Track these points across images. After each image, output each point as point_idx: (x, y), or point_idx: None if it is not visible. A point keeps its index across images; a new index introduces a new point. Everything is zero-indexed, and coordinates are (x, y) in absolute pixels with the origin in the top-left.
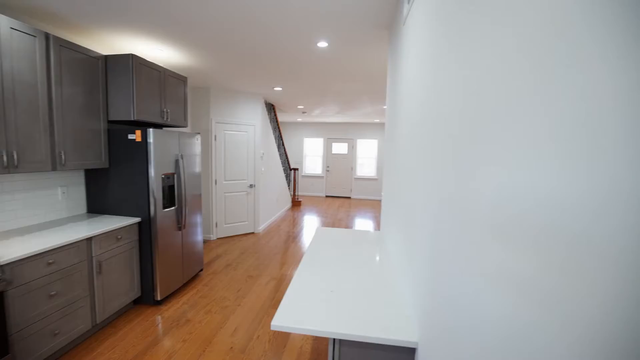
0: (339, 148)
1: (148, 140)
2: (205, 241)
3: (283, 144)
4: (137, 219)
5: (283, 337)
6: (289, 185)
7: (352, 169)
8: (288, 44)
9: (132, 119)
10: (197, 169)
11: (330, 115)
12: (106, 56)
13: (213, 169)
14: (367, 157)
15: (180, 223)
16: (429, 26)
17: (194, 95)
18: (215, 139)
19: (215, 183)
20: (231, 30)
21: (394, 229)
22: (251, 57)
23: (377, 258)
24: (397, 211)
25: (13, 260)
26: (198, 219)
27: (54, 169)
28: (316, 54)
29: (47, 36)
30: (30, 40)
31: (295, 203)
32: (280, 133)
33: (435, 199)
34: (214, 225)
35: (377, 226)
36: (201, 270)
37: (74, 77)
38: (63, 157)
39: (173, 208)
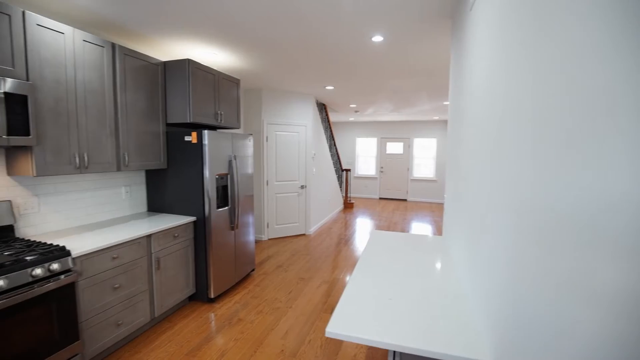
0: (394, 148)
1: (203, 142)
2: (256, 241)
3: (335, 145)
4: (193, 218)
5: (336, 344)
6: (340, 187)
7: (408, 169)
8: (340, 40)
9: (189, 122)
10: (250, 169)
11: (384, 114)
12: (165, 62)
13: (264, 170)
14: (424, 157)
15: (233, 223)
16: (504, 6)
17: (246, 97)
18: (266, 140)
19: (267, 184)
20: (283, 30)
21: (460, 235)
22: (303, 56)
23: (439, 265)
24: (464, 215)
25: (83, 253)
26: (250, 219)
27: (118, 169)
28: (370, 49)
29: (113, 46)
30: (99, 50)
31: (348, 205)
32: (331, 133)
33: (514, 203)
34: (266, 225)
35: (437, 231)
36: (253, 270)
37: (136, 84)
38: (126, 158)
39: (226, 208)
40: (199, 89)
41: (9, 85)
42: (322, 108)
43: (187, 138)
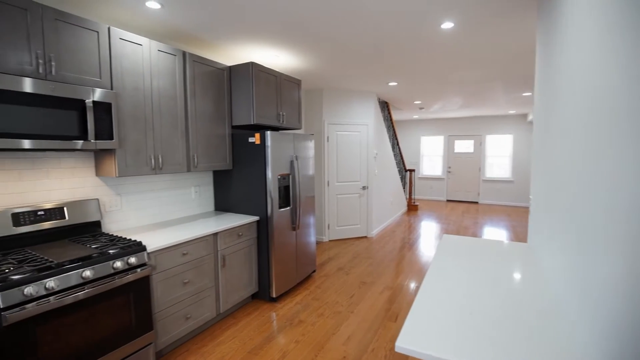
0: (463, 146)
1: (266, 143)
2: (317, 242)
3: (398, 144)
4: (256, 218)
5: (401, 356)
6: (404, 188)
7: (480, 169)
8: (405, 30)
9: (252, 123)
10: (311, 170)
11: (452, 110)
12: (230, 67)
13: (325, 171)
14: (498, 155)
15: (294, 223)
16: None
17: (307, 98)
18: (327, 140)
19: (328, 184)
20: (345, 25)
21: (559, 245)
22: (365, 51)
23: (525, 277)
24: (567, 222)
25: (157, 249)
26: (311, 220)
27: (188, 170)
28: (439, 38)
29: (184, 54)
30: (171, 59)
31: (412, 207)
32: (394, 132)
33: None
34: (326, 227)
35: (515, 237)
36: (314, 271)
37: (204, 88)
38: (196, 159)
39: (288, 208)
40: (262, 91)
41: (98, 94)
42: (385, 106)
43: (250, 139)
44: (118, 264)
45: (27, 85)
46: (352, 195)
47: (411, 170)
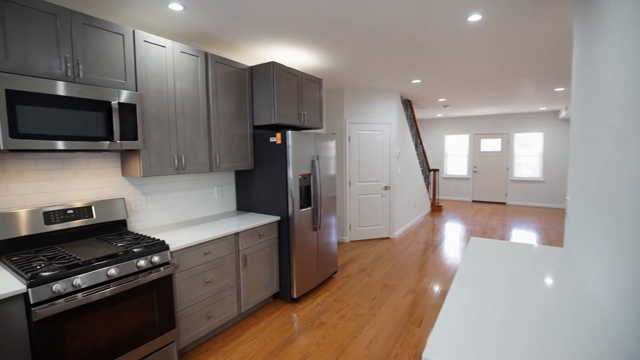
0: (490, 145)
1: (287, 143)
2: (338, 243)
3: (421, 143)
4: (277, 218)
5: None
6: (427, 188)
7: (508, 169)
8: (432, 24)
9: (273, 123)
10: (332, 170)
11: (478, 107)
12: (252, 67)
13: (347, 170)
14: (527, 154)
15: (315, 223)
16: None
17: (328, 98)
18: (349, 140)
19: (349, 184)
20: (367, 20)
21: (599, 247)
22: (388, 48)
23: (561, 283)
24: (608, 225)
25: (180, 248)
26: (332, 220)
27: (210, 170)
28: (465, 31)
29: (206, 55)
30: (193, 60)
31: (436, 208)
32: (417, 131)
33: None
34: (348, 227)
35: (546, 240)
36: (335, 272)
37: (226, 89)
38: (217, 160)
39: (309, 208)
40: (283, 90)
41: (123, 96)
42: (408, 104)
43: (272, 139)
44: (142, 262)
45: (57, 88)
46: (374, 195)
47: (435, 170)
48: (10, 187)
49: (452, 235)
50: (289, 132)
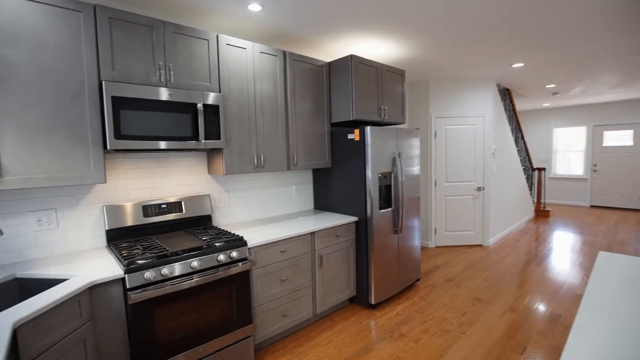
0: (616, 138)
1: (366, 139)
2: (422, 248)
3: (522, 138)
4: (355, 218)
5: None
6: (530, 190)
7: None
8: None
9: (351, 119)
10: (416, 168)
11: (601, 92)
12: (329, 63)
13: (432, 169)
14: None
15: (396, 226)
16: None
17: (411, 91)
18: (435, 136)
19: (435, 185)
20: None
21: None
22: (484, 29)
23: None
24: None
25: (258, 244)
26: (415, 223)
27: (288, 168)
28: None
29: (284, 53)
30: (272, 59)
31: (541, 213)
32: (518, 124)
33: None
34: (433, 231)
35: None
36: (418, 280)
37: (303, 86)
38: (295, 158)
39: (389, 209)
40: (362, 84)
41: (208, 98)
42: (506, 94)
43: (349, 136)
44: (221, 256)
45: (153, 93)
46: (465, 197)
47: (540, 169)
48: (118, 183)
49: (564, 246)
50: (368, 128)
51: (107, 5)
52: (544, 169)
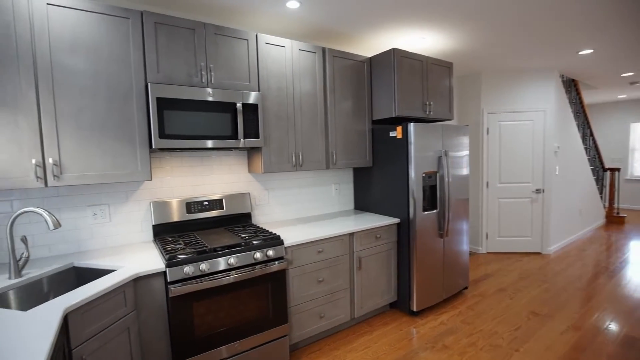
0: None
1: (409, 137)
2: (471, 254)
3: (592, 134)
4: (396, 220)
5: None
6: (601, 193)
7: None
8: None
9: (394, 116)
10: (464, 167)
11: None
12: (370, 58)
13: (484, 169)
14: None
15: (442, 229)
16: None
17: (460, 86)
18: (487, 133)
19: (487, 186)
20: None
21: None
22: (546, 11)
23: None
24: None
25: (294, 244)
26: (464, 226)
27: (327, 167)
28: None
29: (323, 50)
30: (311, 56)
31: (614, 219)
32: (586, 119)
33: None
34: (484, 236)
35: None
36: (465, 288)
37: (343, 83)
38: (334, 156)
39: (434, 211)
40: (405, 79)
41: (247, 97)
42: (571, 85)
43: (391, 133)
44: (258, 255)
45: (194, 94)
46: (521, 199)
47: (613, 170)
48: (164, 180)
49: None
50: (411, 125)
51: (152, 11)
52: (618, 169)
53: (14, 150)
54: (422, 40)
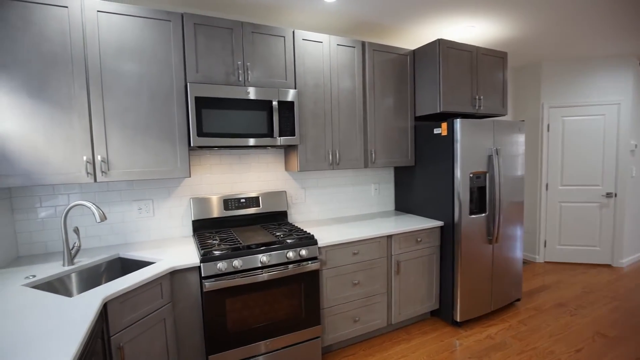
0: None
1: (455, 134)
2: (525, 262)
3: None
4: (440, 223)
5: None
6: None
7: None
8: None
9: (438, 112)
10: (519, 168)
11: None
12: (414, 51)
13: (543, 169)
14: None
15: (491, 234)
16: None
17: (515, 78)
18: (547, 130)
19: (546, 188)
20: None
21: None
22: None
23: None
24: None
25: (328, 244)
26: (517, 232)
27: (365, 166)
28: None
29: (362, 44)
30: (350, 51)
31: None
32: None
33: None
34: (541, 243)
35: None
36: (518, 300)
37: (384, 78)
38: (373, 155)
39: (483, 215)
40: (452, 71)
41: (283, 94)
42: None
43: (436, 130)
44: (290, 254)
45: (232, 92)
46: (588, 204)
47: None
48: (204, 177)
49: None
50: (457, 121)
51: (192, 13)
52: None
53: (68, 148)
54: (470, 29)
